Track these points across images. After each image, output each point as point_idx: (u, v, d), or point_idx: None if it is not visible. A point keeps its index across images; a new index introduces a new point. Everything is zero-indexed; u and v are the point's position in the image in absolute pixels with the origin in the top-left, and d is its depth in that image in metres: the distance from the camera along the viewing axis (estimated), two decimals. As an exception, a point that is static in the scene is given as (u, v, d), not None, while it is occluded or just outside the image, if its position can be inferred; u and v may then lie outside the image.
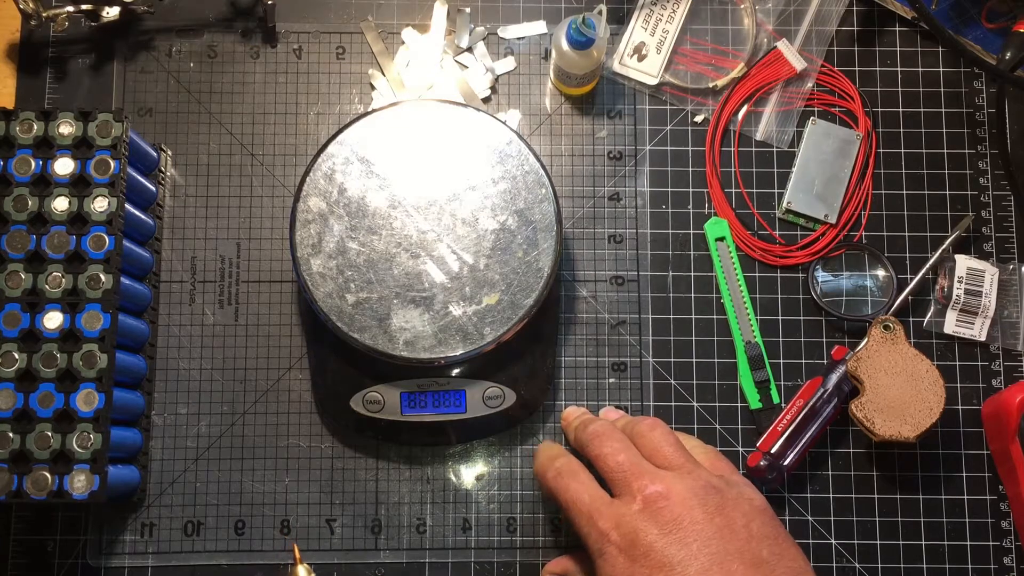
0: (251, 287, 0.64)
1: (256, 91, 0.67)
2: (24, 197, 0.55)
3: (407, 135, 0.58)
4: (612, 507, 0.49)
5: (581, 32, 0.60)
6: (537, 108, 0.67)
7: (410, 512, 0.62)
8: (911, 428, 0.59)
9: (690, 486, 0.49)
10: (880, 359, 0.60)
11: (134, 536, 0.61)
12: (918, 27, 0.68)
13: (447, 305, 0.56)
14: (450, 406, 0.59)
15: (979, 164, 0.67)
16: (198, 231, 0.65)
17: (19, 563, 0.60)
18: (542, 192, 0.57)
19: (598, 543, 0.49)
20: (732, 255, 0.65)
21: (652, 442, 0.52)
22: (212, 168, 0.65)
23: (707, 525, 0.47)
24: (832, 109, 0.67)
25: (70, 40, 0.67)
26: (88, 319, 0.54)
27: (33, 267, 0.55)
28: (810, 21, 0.68)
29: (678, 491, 0.48)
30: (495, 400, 0.60)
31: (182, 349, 0.63)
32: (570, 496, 0.51)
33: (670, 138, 0.67)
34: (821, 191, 0.66)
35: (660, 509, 0.48)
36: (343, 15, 0.68)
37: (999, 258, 0.65)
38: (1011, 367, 0.64)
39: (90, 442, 0.52)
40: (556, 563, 0.57)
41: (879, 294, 0.65)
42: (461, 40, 0.67)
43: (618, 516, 0.49)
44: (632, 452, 0.52)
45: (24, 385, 0.53)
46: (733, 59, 0.68)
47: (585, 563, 0.55)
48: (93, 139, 0.56)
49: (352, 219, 0.56)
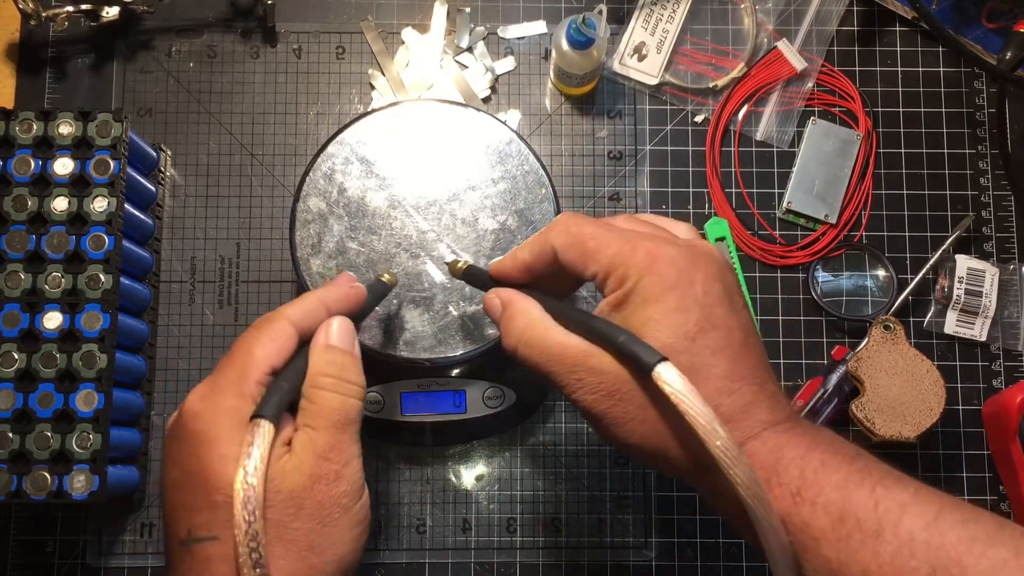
0: (251, 287, 0.64)
1: (256, 91, 0.66)
2: (24, 197, 0.55)
3: (407, 135, 0.58)
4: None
5: (581, 32, 0.60)
6: (537, 108, 0.67)
7: (410, 512, 0.62)
8: (911, 428, 0.59)
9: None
10: (880, 359, 0.60)
11: (134, 536, 0.61)
12: (918, 27, 0.68)
13: (447, 305, 0.56)
14: (450, 406, 0.59)
15: (979, 164, 0.67)
16: (198, 231, 0.65)
17: (19, 563, 0.60)
18: (542, 192, 0.57)
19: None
20: (732, 255, 0.65)
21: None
22: (212, 168, 0.65)
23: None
24: (832, 109, 0.67)
25: (70, 40, 0.67)
26: (88, 319, 0.54)
27: (33, 267, 0.54)
28: (810, 21, 0.68)
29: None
30: (495, 400, 0.59)
31: (182, 349, 0.63)
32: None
33: (670, 138, 0.67)
34: (821, 191, 0.66)
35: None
36: (343, 15, 0.68)
37: (999, 258, 0.65)
38: (1011, 367, 0.64)
39: (90, 442, 0.52)
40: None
41: (879, 294, 0.65)
42: (461, 40, 0.67)
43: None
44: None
45: (24, 385, 0.53)
46: (733, 59, 0.68)
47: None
48: (93, 139, 0.56)
49: (352, 219, 0.56)
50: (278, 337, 0.43)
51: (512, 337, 0.45)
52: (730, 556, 0.61)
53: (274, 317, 0.44)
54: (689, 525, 0.62)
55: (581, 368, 0.42)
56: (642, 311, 0.41)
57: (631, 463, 0.62)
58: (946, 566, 0.34)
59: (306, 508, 0.40)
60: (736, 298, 0.43)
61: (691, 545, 0.61)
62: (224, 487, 0.39)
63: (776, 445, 0.39)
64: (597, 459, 0.62)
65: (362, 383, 0.44)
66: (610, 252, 0.43)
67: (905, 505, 0.36)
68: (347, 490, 0.41)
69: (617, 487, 0.62)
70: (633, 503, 0.62)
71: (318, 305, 0.46)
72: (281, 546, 0.39)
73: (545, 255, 0.46)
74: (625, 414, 0.41)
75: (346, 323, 0.46)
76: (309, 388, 0.43)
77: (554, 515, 0.62)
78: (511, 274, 0.48)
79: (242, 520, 0.38)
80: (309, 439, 0.41)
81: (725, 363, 0.40)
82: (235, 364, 0.42)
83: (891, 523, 0.36)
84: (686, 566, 0.61)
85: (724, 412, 0.40)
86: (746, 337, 0.42)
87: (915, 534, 0.35)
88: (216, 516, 0.39)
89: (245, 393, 0.41)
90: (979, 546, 0.34)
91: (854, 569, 0.36)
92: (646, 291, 0.41)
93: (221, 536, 0.39)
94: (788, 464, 0.39)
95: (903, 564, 0.35)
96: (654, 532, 0.62)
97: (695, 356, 0.40)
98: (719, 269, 0.43)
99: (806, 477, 0.38)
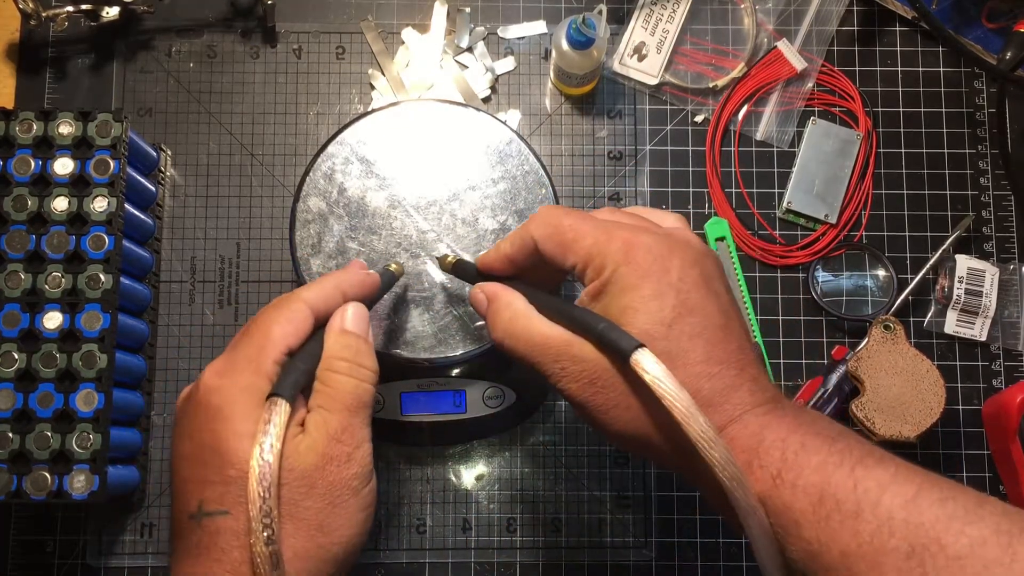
0: (251, 287, 0.64)
1: (256, 91, 0.66)
2: (24, 197, 0.55)
3: (407, 135, 0.58)
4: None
5: (581, 32, 0.60)
6: (537, 108, 0.67)
7: (410, 512, 0.62)
8: (911, 428, 0.59)
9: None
10: (880, 359, 0.60)
11: (134, 536, 0.61)
12: (918, 27, 0.68)
13: (447, 305, 0.56)
14: (450, 406, 0.59)
15: (979, 164, 0.67)
16: (198, 231, 0.65)
17: (19, 563, 0.60)
18: (542, 192, 0.57)
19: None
20: (732, 255, 0.65)
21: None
22: (212, 168, 0.65)
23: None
24: (832, 109, 0.67)
25: (70, 40, 0.67)
26: (88, 319, 0.54)
27: (33, 267, 0.54)
28: (810, 21, 0.68)
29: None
30: (495, 400, 0.59)
31: (182, 349, 0.63)
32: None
33: (670, 138, 0.67)
34: (821, 191, 0.66)
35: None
36: (343, 15, 0.68)
37: (999, 258, 0.65)
38: (1011, 367, 0.64)
39: (90, 442, 0.52)
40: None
41: (879, 294, 0.65)
42: (461, 40, 0.67)
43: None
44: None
45: (24, 385, 0.53)
46: (733, 59, 0.68)
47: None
48: (93, 139, 0.56)
49: (352, 219, 0.56)
50: (295, 318, 0.44)
51: (498, 330, 0.46)
52: (730, 556, 0.61)
53: (292, 298, 0.45)
54: (689, 525, 0.62)
55: (564, 357, 0.43)
56: (619, 299, 0.42)
57: (631, 463, 0.62)
58: (925, 544, 0.34)
59: (317, 488, 0.40)
60: (715, 284, 0.43)
61: (691, 545, 0.61)
62: (239, 462, 0.39)
63: (757, 428, 0.40)
64: (597, 459, 0.62)
65: (375, 369, 0.45)
66: (587, 243, 0.44)
67: (884, 485, 0.36)
68: (357, 472, 0.42)
69: (617, 487, 0.62)
70: (633, 503, 0.62)
71: (334, 289, 0.47)
72: (292, 524, 0.40)
73: (526, 247, 0.47)
74: (608, 401, 0.42)
75: (361, 309, 0.46)
76: (324, 371, 0.43)
77: (554, 515, 0.62)
78: (496, 267, 0.49)
79: (256, 496, 0.38)
80: (323, 420, 0.42)
81: (703, 347, 0.41)
82: (253, 342, 0.43)
83: (870, 503, 0.36)
84: (686, 566, 0.61)
85: (704, 396, 0.40)
86: (726, 321, 0.42)
87: (894, 513, 0.35)
88: (229, 491, 0.39)
89: (262, 371, 0.42)
90: (958, 523, 0.34)
91: (834, 550, 0.36)
92: (623, 280, 0.42)
93: (233, 511, 0.39)
94: (769, 447, 0.39)
95: (882, 543, 0.35)
96: (654, 532, 0.62)
97: (672, 342, 0.41)
98: (696, 255, 0.43)
99: (786, 459, 0.38)
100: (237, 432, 0.40)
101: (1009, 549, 0.33)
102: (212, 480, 0.40)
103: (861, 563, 0.35)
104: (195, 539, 0.40)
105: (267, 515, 0.38)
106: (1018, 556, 0.33)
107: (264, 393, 0.41)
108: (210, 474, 0.40)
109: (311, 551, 0.40)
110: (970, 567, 0.33)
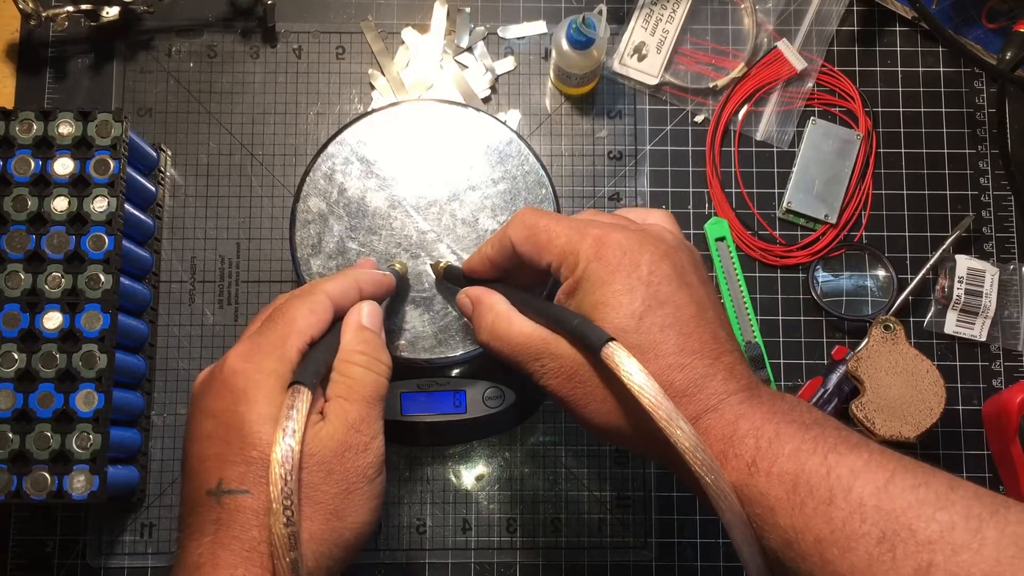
0: (251, 287, 0.64)
1: (256, 91, 0.66)
2: (24, 197, 0.55)
3: (407, 135, 0.58)
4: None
5: (581, 32, 0.60)
6: (537, 108, 0.67)
7: (410, 512, 0.62)
8: (911, 428, 0.59)
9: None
10: (880, 359, 0.60)
11: (134, 536, 0.61)
12: (918, 27, 0.68)
13: (447, 305, 0.56)
14: (450, 406, 0.59)
15: (979, 164, 0.67)
16: (198, 231, 0.65)
17: (19, 563, 0.60)
18: (542, 192, 0.57)
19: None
20: (732, 255, 0.65)
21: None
22: (212, 168, 0.65)
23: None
24: (832, 109, 0.67)
25: (70, 40, 0.67)
26: (88, 319, 0.54)
27: (33, 267, 0.54)
28: (810, 21, 0.68)
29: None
30: (495, 400, 0.59)
31: (182, 349, 0.63)
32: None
33: (670, 138, 0.67)
34: (821, 191, 0.66)
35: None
36: (343, 15, 0.68)
37: (999, 258, 0.65)
38: (1011, 367, 0.64)
39: (90, 442, 0.52)
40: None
41: (879, 294, 0.65)
42: (461, 40, 0.67)
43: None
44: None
45: (24, 385, 0.53)
46: (733, 59, 0.68)
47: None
48: (93, 139, 0.56)
49: (352, 219, 0.56)
50: (318, 309, 0.46)
51: (483, 332, 0.48)
52: (730, 556, 0.61)
53: (315, 290, 0.47)
54: (689, 525, 0.62)
55: (544, 355, 0.44)
56: (592, 295, 0.43)
57: (631, 463, 0.62)
58: (896, 530, 0.34)
59: (335, 474, 0.42)
60: (689, 276, 0.44)
61: (691, 545, 0.61)
62: (261, 444, 0.41)
63: (732, 417, 0.40)
64: (597, 459, 0.62)
65: (390, 364, 0.47)
66: (560, 242, 0.45)
67: (857, 471, 0.36)
68: (372, 462, 0.43)
69: (617, 487, 0.62)
70: (633, 503, 0.62)
71: (353, 285, 0.48)
72: (309, 507, 0.41)
73: (505, 249, 0.48)
74: (586, 395, 0.43)
75: (376, 307, 0.49)
76: (343, 363, 0.45)
77: (554, 515, 0.62)
78: (480, 270, 0.51)
79: (278, 478, 0.39)
80: (343, 410, 0.43)
81: (675, 339, 0.42)
82: (277, 329, 0.44)
83: (842, 490, 0.36)
84: (686, 566, 0.61)
85: (677, 386, 0.41)
86: (700, 312, 0.43)
87: (865, 500, 0.35)
88: (250, 471, 0.41)
89: (286, 358, 0.43)
90: (929, 509, 0.34)
91: (808, 537, 0.36)
92: (594, 276, 0.43)
93: (253, 491, 0.40)
94: (744, 435, 0.39)
95: (854, 529, 0.35)
96: (654, 532, 0.62)
97: (643, 334, 0.42)
98: (668, 249, 0.44)
99: (761, 447, 0.39)
100: (261, 415, 0.41)
101: (978, 534, 0.33)
102: (233, 460, 0.41)
103: (833, 548, 0.35)
104: (212, 516, 0.41)
105: (288, 497, 0.39)
106: (987, 540, 0.33)
107: (286, 379, 0.43)
108: (231, 453, 0.41)
109: (326, 534, 0.41)
110: (939, 552, 0.33)
